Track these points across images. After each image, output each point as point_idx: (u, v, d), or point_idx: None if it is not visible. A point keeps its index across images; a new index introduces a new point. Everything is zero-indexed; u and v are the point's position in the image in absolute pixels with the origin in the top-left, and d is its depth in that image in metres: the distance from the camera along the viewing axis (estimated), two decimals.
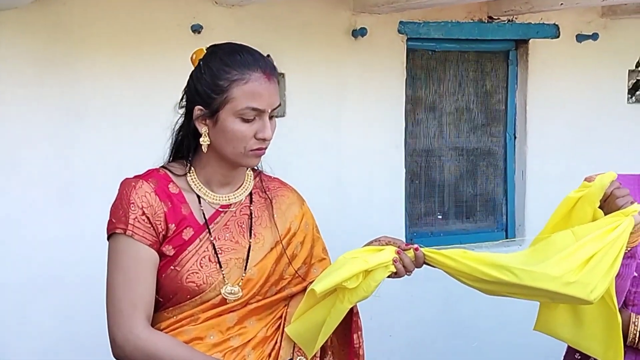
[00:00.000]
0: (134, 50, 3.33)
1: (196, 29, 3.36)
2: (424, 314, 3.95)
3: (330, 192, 3.73)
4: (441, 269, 1.89)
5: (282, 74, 3.51)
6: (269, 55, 1.93)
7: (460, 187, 4.28)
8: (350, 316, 1.97)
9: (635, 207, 1.86)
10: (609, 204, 1.91)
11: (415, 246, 1.89)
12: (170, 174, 1.90)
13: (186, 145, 1.91)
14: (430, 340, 3.97)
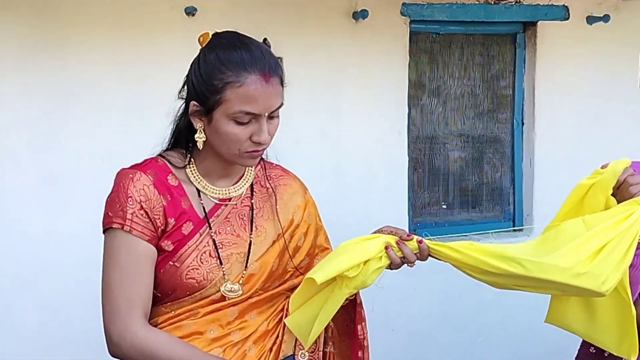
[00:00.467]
0: (125, 33, 3.25)
1: (190, 11, 3.29)
2: (427, 307, 3.88)
3: (329, 182, 3.66)
4: (446, 262, 1.84)
5: (280, 58, 3.37)
6: (265, 40, 1.86)
7: (465, 176, 4.21)
8: (354, 307, 1.96)
9: None
10: (622, 192, 1.85)
11: (419, 238, 1.83)
12: (170, 165, 1.84)
13: (185, 137, 1.85)
14: (434, 333, 3.91)
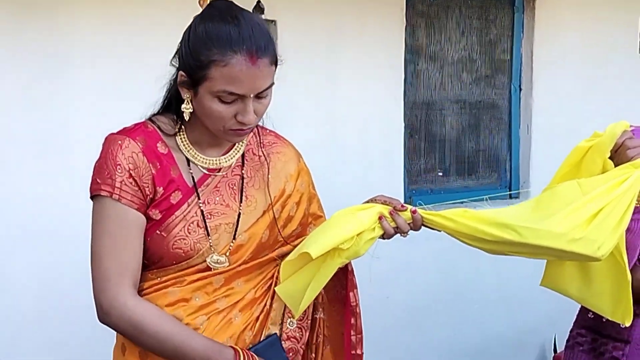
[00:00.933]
0: None
1: None
2: (423, 275, 3.86)
3: (324, 148, 3.61)
4: (441, 231, 1.83)
5: (273, 21, 3.37)
6: (259, 2, 1.80)
7: (462, 142, 4.17)
8: (345, 274, 1.95)
9: None
10: (620, 155, 1.82)
11: (413, 208, 1.81)
12: (159, 132, 1.81)
13: (175, 104, 1.81)
14: (429, 301, 3.89)
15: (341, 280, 1.92)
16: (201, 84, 1.70)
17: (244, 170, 1.88)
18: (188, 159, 1.82)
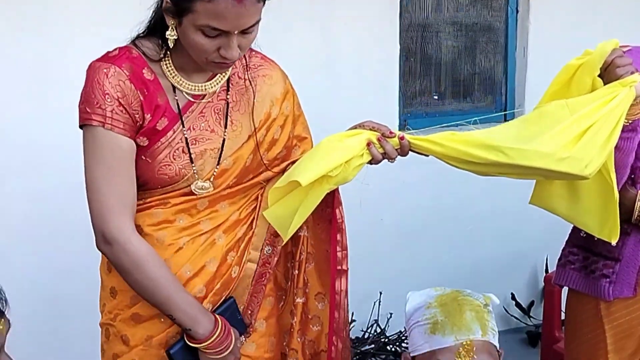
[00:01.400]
0: None
1: None
2: (416, 198, 3.86)
3: (318, 72, 3.56)
4: (429, 155, 1.84)
5: None
6: None
7: (457, 65, 4.11)
8: (332, 192, 1.95)
9: (635, 78, 1.77)
10: (609, 73, 1.81)
11: (400, 134, 1.82)
12: (145, 57, 1.78)
13: (161, 29, 1.77)
14: (423, 224, 3.90)
15: (326, 198, 1.93)
16: (185, 15, 1.67)
17: (229, 95, 1.87)
18: (174, 86, 1.81)
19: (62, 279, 3.10)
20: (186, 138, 1.80)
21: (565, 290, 2.34)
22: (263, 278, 1.94)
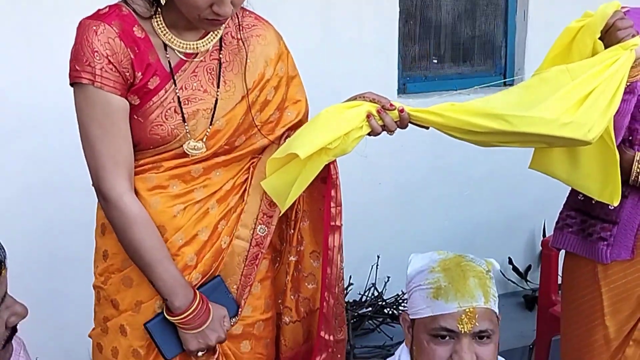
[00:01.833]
0: None
1: None
2: (415, 161, 3.85)
3: (317, 34, 3.53)
4: (429, 127, 1.83)
5: None
6: None
7: (457, 28, 4.07)
8: None
9: (636, 41, 1.75)
10: (610, 36, 1.79)
11: (400, 107, 1.80)
12: (135, 15, 1.75)
13: None
14: (421, 187, 3.90)
15: None
16: None
17: (221, 54, 1.84)
18: (165, 44, 1.78)
19: (62, 239, 3.11)
20: (178, 97, 1.79)
21: (562, 254, 2.35)
22: (256, 259, 1.93)
